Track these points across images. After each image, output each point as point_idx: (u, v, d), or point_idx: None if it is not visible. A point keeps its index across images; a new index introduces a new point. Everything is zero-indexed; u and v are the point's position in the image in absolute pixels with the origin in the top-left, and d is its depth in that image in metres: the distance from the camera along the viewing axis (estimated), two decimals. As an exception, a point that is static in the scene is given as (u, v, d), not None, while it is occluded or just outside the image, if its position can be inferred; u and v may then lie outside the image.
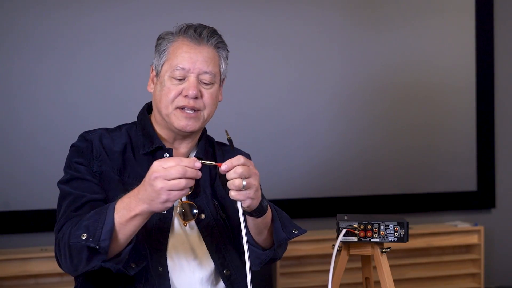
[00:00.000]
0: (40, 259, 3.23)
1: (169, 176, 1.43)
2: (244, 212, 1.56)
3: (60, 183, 1.69)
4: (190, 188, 1.58)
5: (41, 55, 3.36)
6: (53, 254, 1.63)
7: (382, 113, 3.92)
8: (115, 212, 1.49)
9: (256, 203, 1.56)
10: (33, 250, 3.29)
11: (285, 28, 3.75)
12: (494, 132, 4.15)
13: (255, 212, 1.60)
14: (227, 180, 1.50)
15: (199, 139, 1.83)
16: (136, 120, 1.82)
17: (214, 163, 1.51)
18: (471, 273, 3.92)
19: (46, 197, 3.26)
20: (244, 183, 1.49)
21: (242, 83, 3.62)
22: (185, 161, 1.45)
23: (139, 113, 1.83)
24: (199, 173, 1.47)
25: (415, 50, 3.97)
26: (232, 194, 1.51)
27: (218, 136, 1.93)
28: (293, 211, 3.72)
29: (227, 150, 1.90)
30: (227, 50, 1.78)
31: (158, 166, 1.44)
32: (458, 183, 4.08)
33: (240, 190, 1.49)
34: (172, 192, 1.44)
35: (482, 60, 4.09)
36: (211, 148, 1.87)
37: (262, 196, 1.61)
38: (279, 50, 3.74)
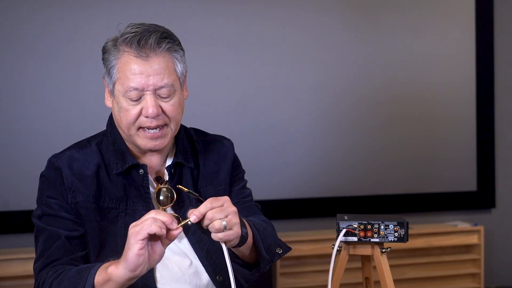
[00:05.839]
0: (40, 259, 3.22)
1: (141, 221, 1.39)
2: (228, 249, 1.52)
3: (34, 217, 1.66)
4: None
5: (48, 58, 3.36)
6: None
7: (382, 113, 3.92)
8: (96, 275, 1.46)
9: (238, 238, 1.51)
10: (33, 250, 3.24)
11: (285, 29, 3.75)
12: (494, 132, 4.15)
13: (238, 244, 1.55)
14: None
15: (175, 140, 1.72)
16: (105, 129, 1.72)
17: (187, 220, 1.45)
18: (471, 273, 3.91)
19: (46, 197, 3.27)
20: (224, 223, 1.44)
21: (241, 81, 3.62)
22: (160, 217, 1.39)
23: (107, 123, 1.71)
24: (176, 232, 1.42)
25: (414, 51, 3.97)
26: (219, 235, 1.46)
27: (213, 130, 1.91)
28: (293, 211, 3.76)
29: (208, 142, 1.79)
30: (182, 50, 1.61)
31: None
32: (458, 183, 4.08)
33: (222, 231, 1.45)
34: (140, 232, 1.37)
35: (482, 60, 4.09)
36: (189, 143, 1.75)
37: (242, 223, 1.54)
38: (277, 50, 3.73)
